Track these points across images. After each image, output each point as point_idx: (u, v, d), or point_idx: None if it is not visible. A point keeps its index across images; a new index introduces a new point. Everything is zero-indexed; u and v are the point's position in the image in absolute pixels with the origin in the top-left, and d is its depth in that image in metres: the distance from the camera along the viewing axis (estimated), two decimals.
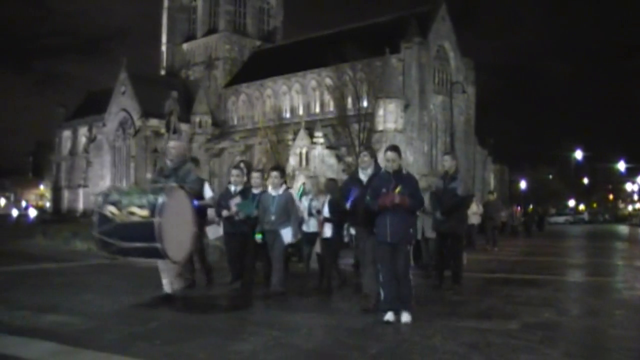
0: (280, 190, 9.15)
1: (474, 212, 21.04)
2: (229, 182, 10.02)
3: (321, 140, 66.67)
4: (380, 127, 63.25)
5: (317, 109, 75.86)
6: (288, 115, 77.10)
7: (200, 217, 9.31)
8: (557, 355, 5.42)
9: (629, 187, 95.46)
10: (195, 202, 8.86)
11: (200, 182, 9.56)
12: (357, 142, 58.25)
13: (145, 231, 7.18)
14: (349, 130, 59.14)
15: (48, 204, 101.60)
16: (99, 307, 7.86)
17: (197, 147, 77.78)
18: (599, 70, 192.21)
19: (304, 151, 67.22)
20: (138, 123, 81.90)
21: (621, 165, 65.12)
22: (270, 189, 9.25)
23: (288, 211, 9.07)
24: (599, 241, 30.10)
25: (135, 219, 7.27)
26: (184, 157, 9.22)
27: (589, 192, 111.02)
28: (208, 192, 9.65)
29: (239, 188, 9.63)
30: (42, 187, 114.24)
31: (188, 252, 7.99)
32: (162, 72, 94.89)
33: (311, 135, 67.78)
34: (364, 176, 7.90)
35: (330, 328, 6.65)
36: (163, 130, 73.66)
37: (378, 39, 64.06)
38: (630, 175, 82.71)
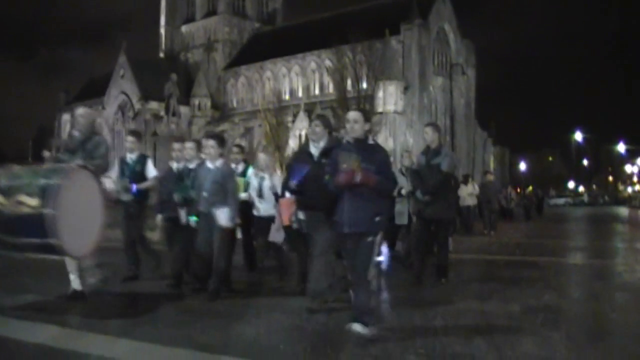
0: (218, 163, 7.55)
1: (470, 193, 20.10)
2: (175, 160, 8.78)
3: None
4: (380, 109, 63.18)
5: (317, 91, 75.70)
6: (288, 97, 76.93)
7: (142, 200, 8.82)
8: (558, 338, 5.44)
9: (628, 169, 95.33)
10: (134, 186, 8.46)
11: (143, 160, 8.88)
12: None
13: (36, 225, 5.94)
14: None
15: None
16: (103, 291, 7.86)
17: (197, 130, 77.64)
18: (599, 52, 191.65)
19: (303, 133, 67.11)
20: (137, 106, 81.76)
21: (621, 147, 65.13)
22: (207, 162, 7.68)
23: (225, 188, 7.43)
24: (599, 224, 30.13)
25: (24, 209, 6.05)
26: (93, 127, 7.80)
27: (590, 174, 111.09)
28: (151, 172, 8.85)
29: (191, 165, 8.31)
30: None
31: (95, 245, 6.60)
32: (161, 55, 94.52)
33: (311, 118, 67.67)
34: (315, 150, 6.75)
35: (333, 311, 6.67)
36: (162, 113, 73.72)
37: (378, 21, 63.77)
38: (630, 157, 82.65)
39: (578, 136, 62.92)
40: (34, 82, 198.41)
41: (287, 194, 7.50)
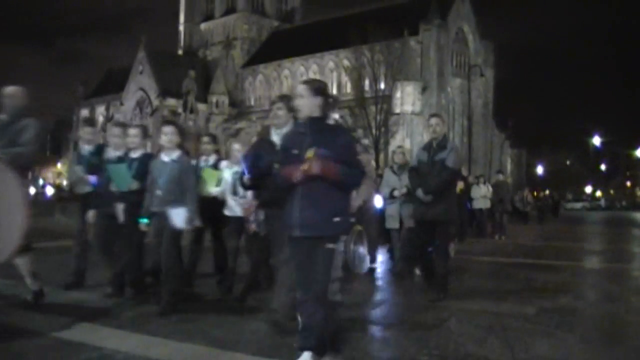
0: (175, 155, 6.47)
1: (483, 195, 19.03)
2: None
3: (338, 121, 66.57)
4: (397, 110, 63.10)
5: (335, 91, 75.67)
6: None
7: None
8: (573, 340, 5.41)
9: None
10: (93, 178, 7.33)
11: (100, 151, 7.56)
12: (374, 124, 58.10)
13: None
14: (366, 113, 58.97)
15: (65, 182, 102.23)
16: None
17: (214, 127, 77.90)
18: (620, 54, 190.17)
19: None
20: (155, 102, 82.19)
21: (639, 152, 64.60)
22: (162, 154, 6.60)
23: (182, 185, 6.43)
24: (616, 228, 29.91)
25: None
26: (22, 108, 6.40)
27: (607, 178, 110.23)
28: None
29: (134, 154, 7.13)
30: (59, 165, 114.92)
31: (16, 247, 5.53)
32: (180, 52, 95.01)
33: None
34: (277, 137, 5.61)
35: (346, 308, 6.66)
36: (180, 110, 74.01)
37: (397, 21, 63.69)
38: None
39: (596, 140, 62.53)
40: (52, 73, 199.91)
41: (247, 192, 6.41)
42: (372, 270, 9.48)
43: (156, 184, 6.42)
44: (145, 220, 6.57)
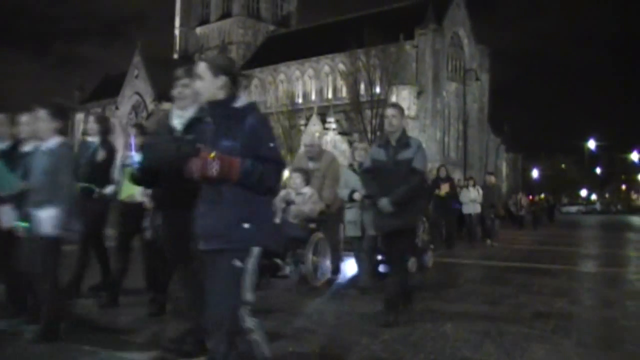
0: (52, 143, 5.23)
1: (473, 199, 17.82)
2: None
3: (333, 125, 66.70)
4: None
5: (330, 95, 75.81)
6: (301, 100, 77.15)
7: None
8: (569, 345, 5.41)
9: None
10: None
11: None
12: (369, 128, 58.17)
13: None
14: (361, 117, 59.10)
15: None
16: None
17: None
18: (615, 59, 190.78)
19: (316, 137, 67.27)
20: (151, 107, 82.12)
21: (634, 156, 64.78)
22: (41, 143, 5.34)
23: (55, 180, 5.12)
24: (611, 232, 29.97)
25: None
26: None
27: (603, 182, 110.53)
28: None
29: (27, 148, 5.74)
30: None
31: None
32: (176, 56, 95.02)
33: (323, 121, 67.84)
34: (178, 121, 4.63)
35: (342, 313, 6.66)
36: None
37: (392, 25, 63.84)
38: None
39: (592, 144, 62.67)
40: (48, 78, 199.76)
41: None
42: (330, 282, 8.77)
43: (30, 179, 5.27)
44: (23, 224, 5.23)
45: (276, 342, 5.31)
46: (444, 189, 15.60)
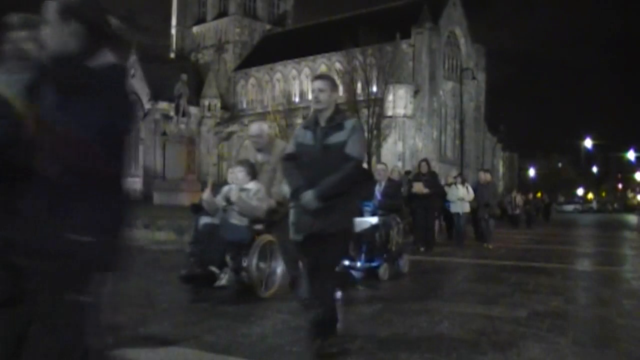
0: None
1: (461, 198, 16.34)
2: None
3: None
4: (389, 113, 63.20)
5: None
6: (297, 99, 77.09)
7: None
8: (565, 344, 5.42)
9: (638, 176, 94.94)
10: None
11: None
12: (366, 127, 58.12)
13: None
14: (358, 116, 58.91)
15: None
16: (109, 289, 7.89)
17: (206, 130, 77.82)
18: (611, 58, 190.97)
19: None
20: (147, 106, 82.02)
21: (631, 155, 64.82)
22: None
23: None
24: (608, 231, 30.02)
25: None
26: None
27: (599, 181, 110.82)
28: None
29: None
30: None
31: None
32: (172, 55, 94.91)
33: None
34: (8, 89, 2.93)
35: (339, 313, 6.66)
36: (172, 113, 73.91)
37: (389, 24, 63.80)
38: None
39: (588, 143, 62.68)
40: None
41: None
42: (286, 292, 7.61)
43: None
44: None
45: (272, 340, 5.32)
46: (418, 187, 14.50)
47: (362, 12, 76.97)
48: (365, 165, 14.01)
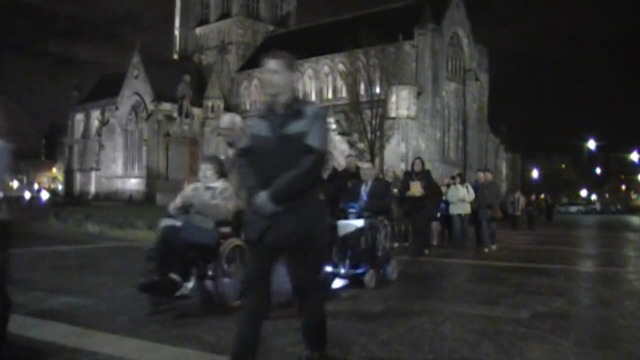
0: None
1: (462, 199, 15.61)
2: None
3: (333, 126, 66.57)
4: (392, 114, 63.10)
5: (330, 95, 75.82)
6: None
7: None
8: (567, 345, 5.43)
9: None
10: None
11: None
12: (369, 128, 58.10)
13: None
14: (361, 117, 58.91)
15: (60, 187, 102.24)
16: (112, 290, 7.94)
17: (209, 131, 77.79)
18: (614, 58, 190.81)
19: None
20: (150, 107, 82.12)
21: (634, 156, 64.76)
22: None
23: None
24: (610, 232, 29.98)
25: None
26: None
27: (602, 182, 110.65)
28: None
29: None
30: (54, 169, 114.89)
31: None
32: (175, 57, 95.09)
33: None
34: None
35: (341, 313, 6.66)
36: (175, 114, 74.01)
37: (392, 25, 63.74)
38: None
39: (591, 144, 62.62)
40: (44, 78, 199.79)
41: None
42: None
43: None
44: None
45: (274, 341, 5.33)
46: (415, 188, 13.15)
47: (365, 13, 76.91)
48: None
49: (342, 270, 8.44)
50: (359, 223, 8.66)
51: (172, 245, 6.34)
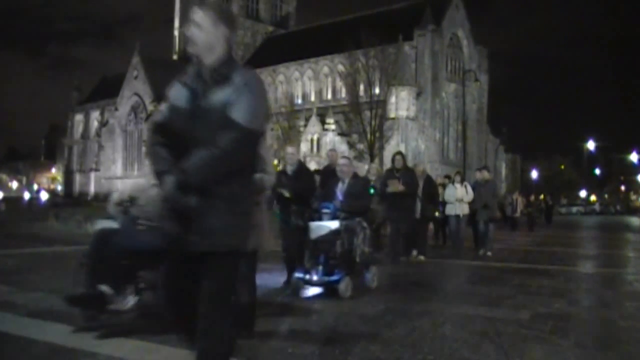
0: None
1: (459, 199, 14.77)
2: None
3: (333, 127, 66.69)
4: (392, 115, 63.12)
5: (329, 96, 75.78)
6: (300, 101, 77.07)
7: None
8: (567, 346, 5.42)
9: None
10: None
11: None
12: (369, 129, 58.12)
13: None
14: (360, 118, 58.92)
15: (60, 187, 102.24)
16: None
17: None
18: (613, 59, 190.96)
19: (315, 138, 67.28)
20: (150, 107, 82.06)
21: (634, 157, 64.80)
22: None
23: None
24: (611, 232, 29.98)
25: None
26: None
27: (602, 183, 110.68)
28: None
29: None
30: (54, 170, 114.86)
31: None
32: (175, 57, 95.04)
33: (323, 122, 67.83)
34: None
35: (341, 314, 6.66)
36: None
37: (392, 26, 63.77)
38: None
39: (591, 145, 62.70)
40: (44, 79, 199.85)
41: None
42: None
43: None
44: None
45: (275, 342, 5.32)
46: (393, 185, 12.03)
47: (365, 13, 76.96)
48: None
49: (315, 278, 7.79)
50: (334, 225, 7.96)
51: (104, 252, 5.63)
